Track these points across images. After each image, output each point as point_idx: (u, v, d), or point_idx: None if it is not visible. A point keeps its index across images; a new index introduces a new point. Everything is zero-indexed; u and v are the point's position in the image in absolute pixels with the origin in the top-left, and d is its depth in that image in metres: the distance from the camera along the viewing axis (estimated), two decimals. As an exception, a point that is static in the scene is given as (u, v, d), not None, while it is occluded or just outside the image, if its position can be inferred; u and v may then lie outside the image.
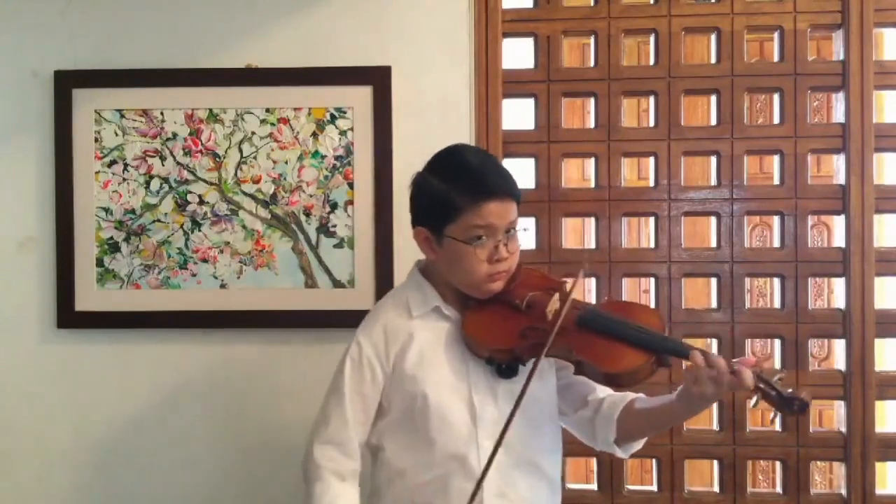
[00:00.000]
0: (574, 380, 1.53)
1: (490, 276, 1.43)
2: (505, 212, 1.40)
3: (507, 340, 1.42)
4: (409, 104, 1.99)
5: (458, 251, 1.41)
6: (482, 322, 1.45)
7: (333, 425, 1.47)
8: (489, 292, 1.45)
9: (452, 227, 1.41)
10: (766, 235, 3.49)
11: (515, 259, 1.47)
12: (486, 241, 1.40)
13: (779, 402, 1.33)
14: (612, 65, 2.03)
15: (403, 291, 1.55)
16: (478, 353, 1.45)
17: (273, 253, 2.01)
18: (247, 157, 2.02)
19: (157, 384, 2.04)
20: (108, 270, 2.03)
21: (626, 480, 2.03)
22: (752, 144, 2.02)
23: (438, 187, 1.42)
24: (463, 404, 1.44)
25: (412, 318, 1.49)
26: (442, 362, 1.46)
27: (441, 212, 1.42)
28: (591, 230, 2.07)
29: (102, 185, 2.03)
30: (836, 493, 2.01)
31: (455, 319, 1.49)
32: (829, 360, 3.30)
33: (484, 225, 1.39)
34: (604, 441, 1.50)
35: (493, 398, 1.44)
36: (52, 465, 2.06)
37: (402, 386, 1.46)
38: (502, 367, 1.44)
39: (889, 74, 1.99)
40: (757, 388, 1.33)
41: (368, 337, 1.49)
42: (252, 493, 2.03)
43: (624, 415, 1.47)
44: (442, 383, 1.45)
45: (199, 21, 2.03)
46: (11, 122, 2.05)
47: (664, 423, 1.52)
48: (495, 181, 1.41)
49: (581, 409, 1.53)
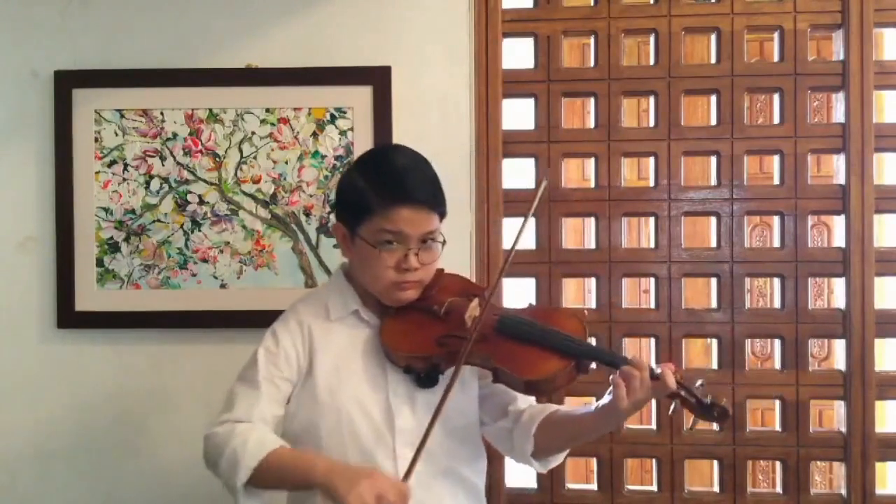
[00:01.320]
0: (494, 389, 1.47)
1: (397, 283, 1.39)
2: (419, 220, 1.36)
3: (424, 348, 1.39)
4: (409, 104, 1.99)
5: (367, 254, 1.39)
6: (400, 329, 1.42)
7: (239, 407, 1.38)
8: (398, 301, 1.42)
9: (363, 227, 1.38)
10: (766, 235, 3.49)
11: (430, 270, 1.43)
12: (396, 248, 1.37)
13: (698, 409, 1.32)
14: (612, 65, 2.03)
15: (324, 293, 1.51)
16: (395, 362, 1.41)
17: (273, 253, 2.01)
18: (247, 157, 2.02)
19: (157, 384, 2.04)
20: (108, 270, 2.03)
21: (626, 480, 2.03)
22: (752, 144, 2.02)
23: (357, 184, 1.40)
24: (379, 413, 1.40)
25: (330, 320, 1.45)
26: (358, 370, 1.42)
27: (356, 210, 1.39)
28: (591, 230, 2.07)
29: (102, 185, 2.03)
30: (836, 493, 2.01)
31: (374, 325, 1.45)
32: (829, 360, 3.30)
33: (394, 231, 1.36)
34: (521, 452, 1.46)
35: (411, 407, 1.41)
36: (52, 464, 2.06)
37: (313, 391, 1.41)
38: (421, 377, 1.40)
39: (889, 74, 1.99)
40: (677, 394, 1.31)
41: (286, 329, 1.45)
42: (252, 493, 2.03)
43: (543, 426, 1.43)
44: (357, 391, 1.40)
45: (199, 21, 2.03)
46: (11, 122, 2.05)
47: (582, 435, 1.44)
48: (413, 188, 1.36)
49: (500, 419, 1.49)
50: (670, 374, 1.29)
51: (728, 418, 1.33)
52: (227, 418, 1.37)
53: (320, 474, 1.25)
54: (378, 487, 1.21)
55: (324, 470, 1.26)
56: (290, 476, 1.30)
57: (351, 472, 1.25)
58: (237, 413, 1.38)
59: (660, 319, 2.00)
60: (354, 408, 1.40)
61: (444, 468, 1.42)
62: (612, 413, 1.33)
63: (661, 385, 1.29)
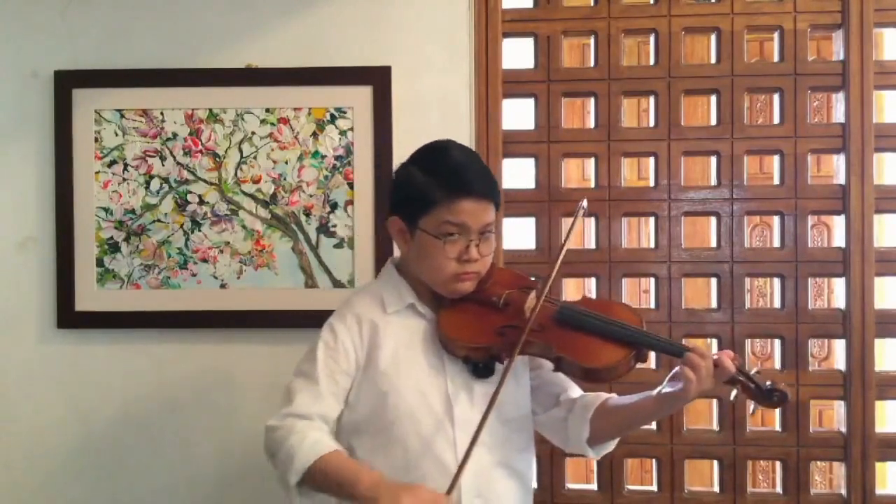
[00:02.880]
0: (546, 379, 1.52)
1: (457, 275, 1.42)
2: (480, 212, 1.40)
3: (483, 338, 1.42)
4: (409, 104, 1.99)
5: (428, 245, 1.41)
6: (458, 320, 1.44)
7: (299, 401, 1.39)
8: (457, 292, 1.45)
9: (426, 219, 1.41)
10: (766, 235, 3.49)
11: (487, 262, 1.46)
12: (458, 239, 1.40)
13: (758, 394, 1.37)
14: (612, 65, 2.03)
15: (377, 287, 1.53)
16: (454, 352, 1.44)
17: (273, 253, 2.01)
18: (247, 157, 2.02)
19: (157, 384, 2.04)
20: (108, 270, 2.03)
21: (626, 480, 2.03)
22: (752, 144, 2.02)
23: (418, 178, 1.43)
24: (439, 403, 1.42)
25: (386, 313, 1.47)
26: (417, 361, 1.45)
27: (417, 203, 1.42)
28: (591, 230, 2.07)
29: (102, 185, 2.03)
30: (836, 493, 2.01)
31: (430, 318, 1.48)
32: (829, 360, 3.29)
33: (457, 222, 1.39)
34: (576, 440, 1.49)
35: (468, 397, 1.44)
36: (52, 464, 2.06)
37: (373, 383, 1.43)
38: (479, 366, 1.43)
39: (889, 74, 1.99)
40: (736, 380, 1.36)
41: (343, 324, 1.46)
42: (252, 492, 2.03)
43: (599, 413, 1.46)
44: (417, 382, 1.43)
45: (199, 21, 2.03)
46: (11, 122, 2.05)
47: (640, 422, 1.51)
48: (474, 180, 1.40)
49: (553, 408, 1.53)
50: (728, 360, 1.34)
51: (787, 402, 1.37)
52: (289, 412, 1.39)
53: (364, 487, 1.27)
54: (420, 502, 1.23)
55: (368, 483, 1.27)
56: (335, 483, 1.31)
57: (394, 488, 1.27)
58: (298, 407, 1.39)
59: (660, 319, 2.00)
60: (415, 398, 1.42)
61: (497, 459, 1.45)
62: (677, 401, 1.38)
63: (721, 371, 1.33)
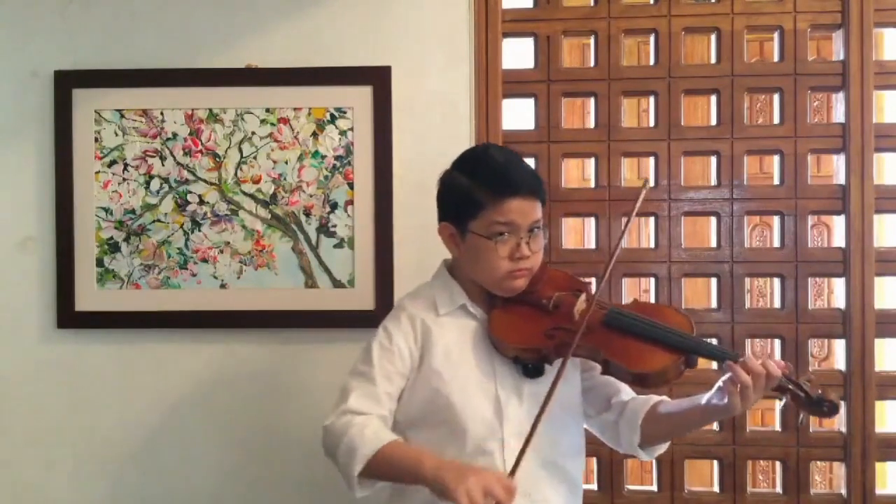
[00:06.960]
0: (598, 381, 1.54)
1: (511, 273, 1.44)
2: (528, 210, 1.42)
3: (533, 340, 1.43)
4: (409, 104, 1.99)
5: (480, 247, 1.43)
6: (509, 321, 1.46)
7: (355, 397, 1.42)
8: (512, 290, 1.47)
9: (475, 222, 1.43)
10: (766, 235, 3.49)
11: (538, 258, 1.48)
12: (508, 238, 1.42)
13: (807, 404, 1.35)
14: (612, 65, 2.03)
15: (430, 289, 1.55)
16: (504, 353, 1.46)
17: (273, 253, 2.01)
18: (247, 157, 2.02)
19: (157, 384, 2.04)
20: (108, 270, 2.03)
21: (626, 480, 2.03)
22: (752, 144, 2.02)
23: (463, 183, 1.45)
24: (489, 403, 1.44)
25: (439, 315, 1.50)
26: (468, 360, 1.47)
27: (465, 207, 1.44)
28: (591, 230, 2.07)
29: (102, 185, 2.03)
30: (836, 493, 2.01)
31: (481, 318, 1.50)
32: (829, 360, 3.30)
33: (506, 221, 1.41)
34: (628, 444, 1.51)
35: (518, 398, 1.45)
36: (53, 464, 2.06)
37: (427, 381, 1.46)
38: (528, 367, 1.45)
39: (889, 74, 1.99)
40: (786, 388, 1.34)
41: (397, 325, 1.49)
42: (253, 492, 2.03)
43: (648, 418, 1.47)
44: (468, 381, 1.45)
45: (199, 21, 2.03)
46: (11, 122, 2.05)
47: (690, 426, 1.52)
48: (519, 179, 1.43)
49: (605, 411, 1.54)
50: (776, 369, 1.33)
51: (837, 413, 1.35)
52: (346, 408, 1.41)
53: (429, 470, 1.29)
54: (485, 482, 1.25)
55: (432, 466, 1.30)
56: (400, 470, 1.34)
57: (459, 468, 1.29)
58: (354, 405, 1.41)
59: (660, 319, 2.00)
60: (466, 397, 1.44)
61: (547, 460, 1.45)
62: (725, 413, 1.37)
63: (769, 380, 1.33)
